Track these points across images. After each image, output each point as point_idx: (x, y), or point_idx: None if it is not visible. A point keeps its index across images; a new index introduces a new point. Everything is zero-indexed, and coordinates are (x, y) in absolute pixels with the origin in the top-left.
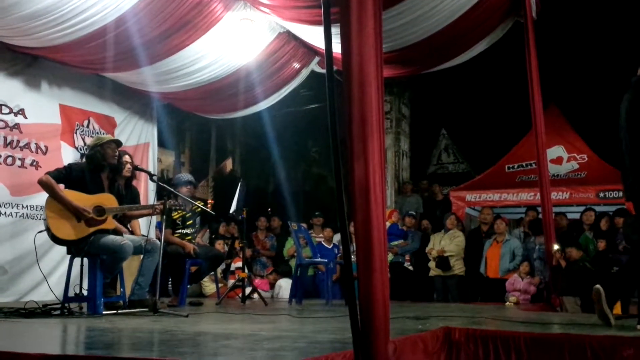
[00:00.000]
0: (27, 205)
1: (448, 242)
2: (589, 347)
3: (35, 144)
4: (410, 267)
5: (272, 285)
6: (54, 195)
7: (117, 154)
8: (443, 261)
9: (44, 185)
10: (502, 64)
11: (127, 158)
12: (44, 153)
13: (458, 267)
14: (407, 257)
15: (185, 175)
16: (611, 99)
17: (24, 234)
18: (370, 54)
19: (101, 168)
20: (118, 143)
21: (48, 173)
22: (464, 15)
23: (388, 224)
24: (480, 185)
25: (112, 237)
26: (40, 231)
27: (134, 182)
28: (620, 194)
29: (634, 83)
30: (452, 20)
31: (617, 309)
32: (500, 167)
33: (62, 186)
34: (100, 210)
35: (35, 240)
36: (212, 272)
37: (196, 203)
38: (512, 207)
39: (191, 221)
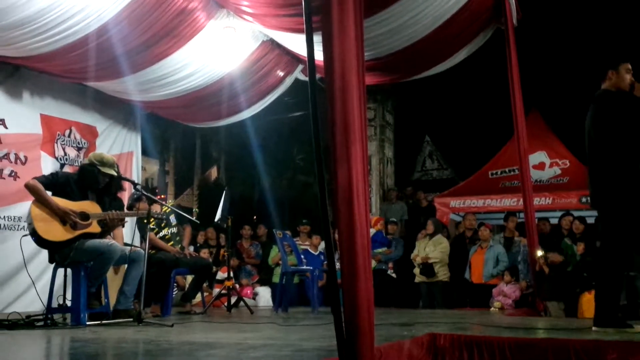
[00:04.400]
0: (4, 217)
1: (432, 249)
2: (573, 351)
3: (15, 154)
4: (394, 275)
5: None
6: (40, 199)
7: (104, 182)
8: (427, 268)
9: (30, 188)
10: (484, 71)
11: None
12: (23, 163)
13: (442, 273)
14: (390, 265)
15: None
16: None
17: (3, 245)
18: (352, 61)
19: (87, 185)
20: (114, 179)
21: (35, 178)
22: (445, 23)
23: (373, 231)
24: (464, 191)
25: (98, 240)
26: (25, 235)
27: (120, 194)
28: None
29: (597, 97)
30: (434, 28)
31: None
32: (483, 173)
33: (49, 193)
34: (84, 216)
35: (21, 243)
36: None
37: (164, 204)
38: (495, 213)
39: (165, 222)
